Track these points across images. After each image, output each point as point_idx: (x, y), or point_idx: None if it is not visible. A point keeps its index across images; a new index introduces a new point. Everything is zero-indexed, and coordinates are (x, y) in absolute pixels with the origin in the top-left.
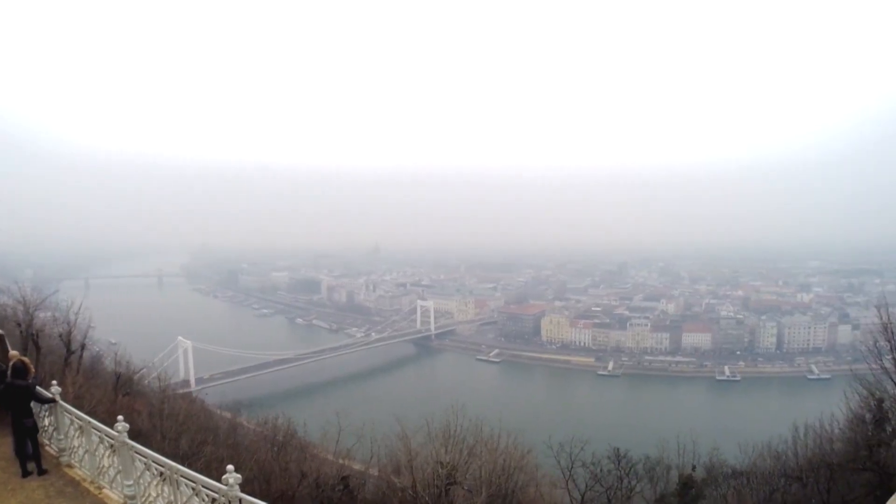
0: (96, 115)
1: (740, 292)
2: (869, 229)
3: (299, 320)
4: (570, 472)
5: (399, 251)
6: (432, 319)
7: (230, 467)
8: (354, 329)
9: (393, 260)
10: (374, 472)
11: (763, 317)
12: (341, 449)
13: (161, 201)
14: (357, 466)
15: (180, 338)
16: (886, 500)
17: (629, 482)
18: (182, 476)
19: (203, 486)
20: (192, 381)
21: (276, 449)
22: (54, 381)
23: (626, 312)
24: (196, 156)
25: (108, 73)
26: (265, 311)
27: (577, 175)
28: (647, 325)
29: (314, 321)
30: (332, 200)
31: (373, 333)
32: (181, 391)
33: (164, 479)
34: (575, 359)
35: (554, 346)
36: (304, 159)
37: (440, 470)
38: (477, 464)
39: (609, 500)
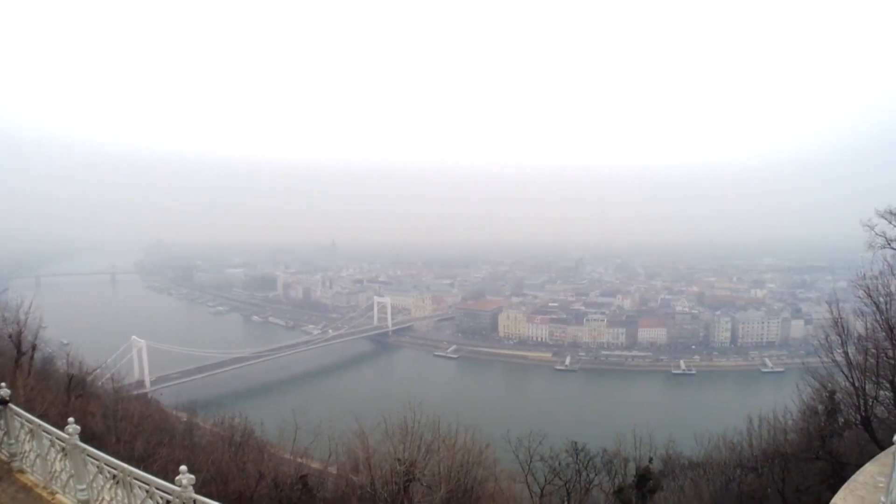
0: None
1: (695, 288)
2: (822, 228)
3: (255, 318)
4: (528, 466)
5: (356, 247)
6: (389, 316)
7: (183, 468)
8: (311, 326)
9: (350, 256)
10: (333, 470)
11: (717, 312)
12: (299, 447)
13: (115, 195)
14: (315, 465)
15: (134, 337)
16: (839, 488)
17: (587, 475)
18: (135, 478)
19: (157, 489)
20: (147, 382)
21: (233, 449)
22: (3, 384)
23: (583, 308)
24: (150, 145)
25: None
26: (220, 308)
27: (536, 173)
28: (603, 320)
29: (270, 318)
30: (289, 195)
31: (330, 330)
32: (136, 392)
33: (118, 483)
34: (532, 354)
35: (511, 342)
36: (261, 153)
37: (398, 467)
38: (435, 460)
39: (568, 494)
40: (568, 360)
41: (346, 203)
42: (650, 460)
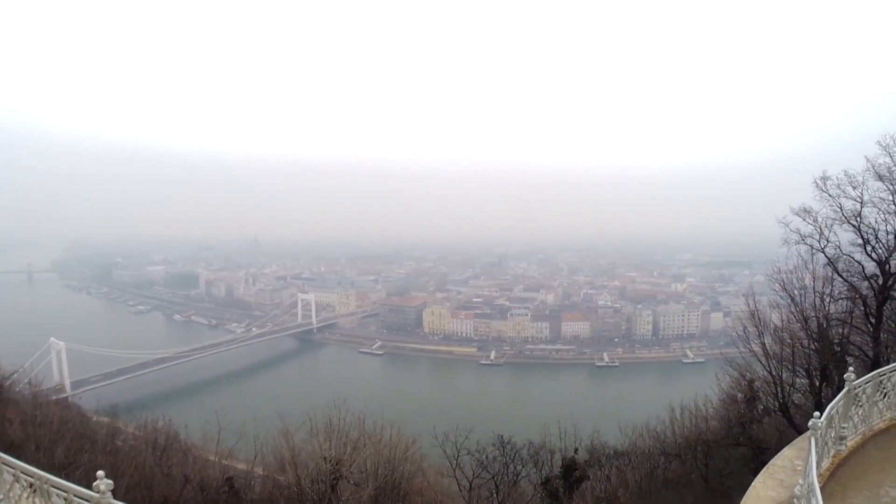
0: None
1: (617, 283)
2: (743, 227)
3: (177, 317)
4: (456, 460)
5: (279, 243)
6: (314, 313)
7: (100, 473)
8: (235, 324)
9: (273, 252)
10: (260, 470)
11: (639, 306)
12: (224, 449)
13: (30, 189)
14: (241, 466)
15: (53, 339)
16: (760, 471)
17: (515, 468)
18: (53, 486)
19: (75, 496)
20: (67, 386)
21: (157, 453)
22: None
23: (507, 303)
24: (63, 129)
25: None
26: (142, 307)
27: (462, 169)
28: (527, 315)
29: (193, 317)
30: (211, 189)
31: (253, 329)
32: (55, 397)
33: (35, 491)
34: (457, 349)
35: (436, 337)
36: (183, 143)
37: (325, 465)
38: (362, 457)
39: (496, 486)
40: (493, 355)
41: (272, 197)
42: (576, 451)
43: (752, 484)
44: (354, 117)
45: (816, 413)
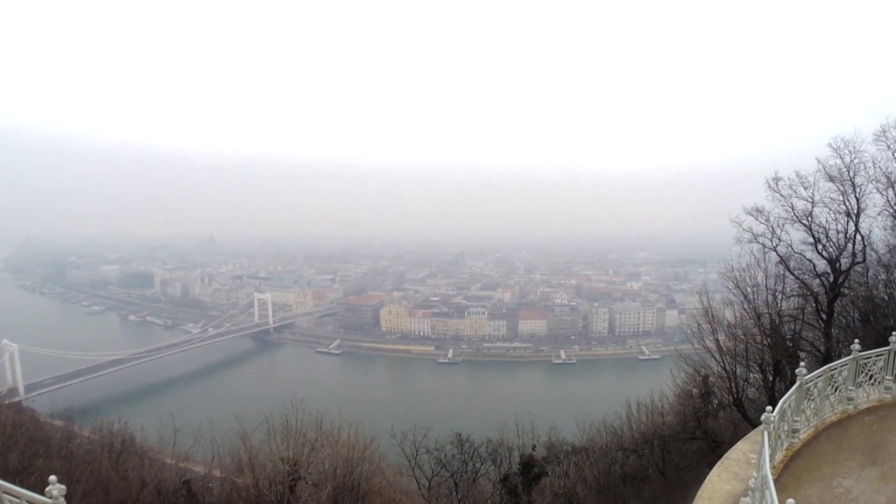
0: None
1: (573, 281)
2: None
3: (133, 317)
4: (415, 459)
5: (235, 241)
6: (270, 312)
7: (53, 478)
8: (191, 325)
9: (229, 251)
10: (218, 473)
11: (595, 303)
12: (181, 451)
13: None
14: (199, 469)
15: (6, 341)
16: (715, 465)
17: (473, 465)
18: (5, 492)
19: (28, 501)
20: (21, 389)
21: (113, 457)
22: None
23: (464, 301)
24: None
25: None
26: (96, 308)
27: (418, 168)
28: (484, 313)
29: (148, 318)
30: (166, 186)
31: (210, 329)
32: (8, 401)
33: None
34: (415, 348)
35: (394, 336)
36: (135, 137)
37: (282, 466)
38: (320, 457)
39: (455, 484)
40: (450, 353)
41: (229, 195)
42: (534, 448)
43: (708, 477)
44: (312, 115)
45: (769, 407)
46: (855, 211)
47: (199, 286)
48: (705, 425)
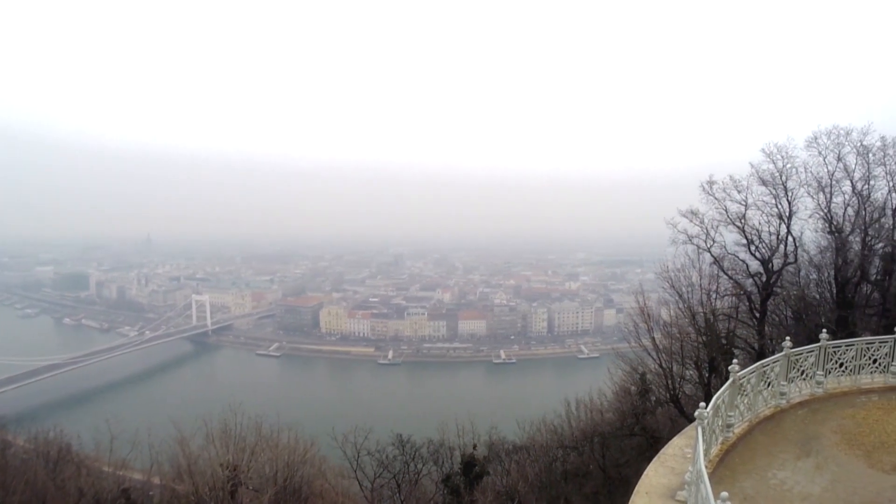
0: None
1: (512, 281)
2: (637, 227)
3: (67, 320)
4: (357, 461)
5: (172, 242)
6: (208, 315)
7: None
8: (127, 328)
9: (166, 251)
10: (157, 480)
11: (534, 303)
12: (118, 459)
13: None
14: (138, 476)
15: None
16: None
17: (415, 466)
18: None
19: None
20: None
21: (50, 466)
22: None
23: (404, 302)
24: None
25: None
26: (29, 310)
27: (355, 168)
28: (424, 314)
29: (84, 320)
30: (99, 184)
31: (147, 332)
32: None
33: None
34: (355, 349)
35: (334, 338)
36: (68, 131)
37: (222, 472)
38: (260, 462)
39: (398, 486)
40: (391, 354)
41: (166, 193)
42: (474, 447)
43: (645, 472)
44: (253, 110)
45: (703, 403)
46: (787, 214)
47: (135, 288)
48: (643, 421)
